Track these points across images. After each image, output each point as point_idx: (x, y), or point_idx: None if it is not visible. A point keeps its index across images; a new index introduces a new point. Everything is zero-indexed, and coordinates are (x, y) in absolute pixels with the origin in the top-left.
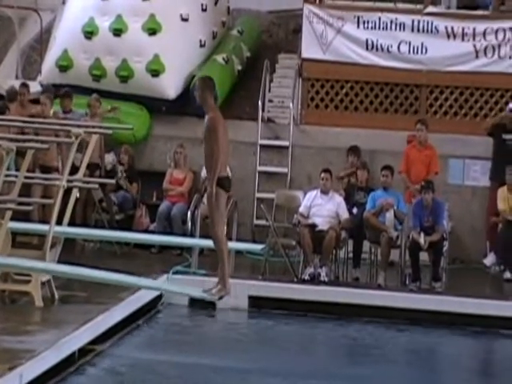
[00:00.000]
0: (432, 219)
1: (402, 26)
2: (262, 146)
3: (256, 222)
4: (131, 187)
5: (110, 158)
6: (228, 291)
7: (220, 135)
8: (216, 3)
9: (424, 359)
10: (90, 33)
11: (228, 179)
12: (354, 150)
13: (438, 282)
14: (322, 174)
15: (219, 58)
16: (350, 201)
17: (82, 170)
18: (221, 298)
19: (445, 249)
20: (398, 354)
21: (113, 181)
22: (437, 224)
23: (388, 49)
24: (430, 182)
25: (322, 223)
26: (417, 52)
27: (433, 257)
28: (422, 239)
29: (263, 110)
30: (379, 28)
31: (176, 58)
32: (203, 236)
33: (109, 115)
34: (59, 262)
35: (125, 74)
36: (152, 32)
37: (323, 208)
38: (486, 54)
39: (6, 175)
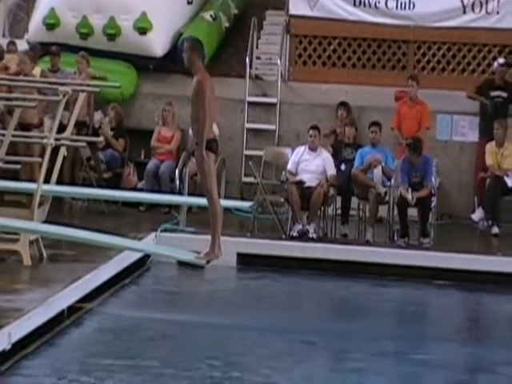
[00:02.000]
0: (420, 175)
1: None
2: (250, 103)
3: (244, 179)
4: (116, 143)
5: (97, 116)
6: (217, 255)
7: (207, 98)
8: None
9: (412, 314)
10: None
11: (215, 141)
12: (343, 105)
13: (426, 238)
14: (310, 131)
15: (207, 15)
16: (337, 157)
17: (70, 128)
18: (208, 262)
19: (433, 204)
20: (385, 310)
21: (101, 138)
22: (425, 180)
23: (375, 5)
24: (416, 143)
25: (309, 179)
26: (404, 8)
27: (421, 212)
28: (409, 195)
29: (251, 67)
30: None
31: (163, 15)
32: (191, 194)
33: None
34: (47, 220)
35: (112, 31)
36: None
37: (311, 163)
38: (473, 9)
39: None
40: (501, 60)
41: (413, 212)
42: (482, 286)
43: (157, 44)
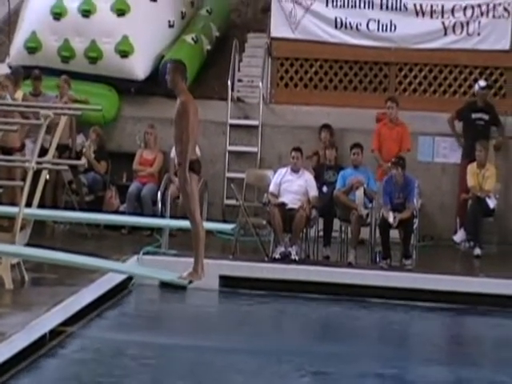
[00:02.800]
0: (403, 196)
1: (371, 4)
2: (232, 126)
3: (226, 201)
4: (99, 165)
5: (79, 139)
6: (200, 276)
7: (190, 119)
8: None
9: (394, 336)
10: (58, 14)
11: (198, 162)
12: (326, 127)
13: (408, 259)
14: (293, 153)
15: (188, 37)
16: (319, 180)
17: (52, 151)
18: (191, 282)
19: (415, 226)
20: (368, 332)
21: (82, 162)
22: (408, 201)
23: (357, 27)
24: (400, 158)
25: (292, 200)
26: (386, 30)
27: (403, 234)
28: (391, 218)
29: (233, 90)
30: (348, 6)
31: (145, 38)
32: (173, 216)
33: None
34: (29, 244)
35: (94, 55)
36: (121, 13)
37: (293, 184)
38: (454, 31)
39: None
40: (482, 83)
41: (395, 234)
42: (464, 308)
43: (138, 67)
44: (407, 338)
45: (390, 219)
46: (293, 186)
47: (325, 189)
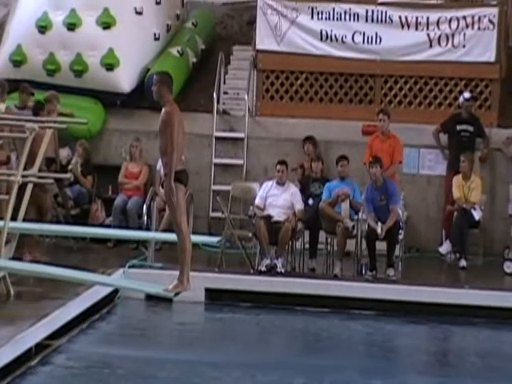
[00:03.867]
0: (385, 198)
1: (356, 17)
2: (218, 138)
3: (212, 214)
4: (85, 180)
5: (64, 152)
6: (185, 287)
7: (175, 129)
8: None
9: (380, 349)
10: (43, 27)
11: (185, 172)
12: (309, 139)
13: (391, 269)
14: (278, 166)
15: (174, 50)
16: (305, 192)
17: (37, 164)
18: (177, 294)
19: (400, 237)
20: (354, 344)
21: (68, 175)
22: (390, 203)
23: (342, 39)
24: (377, 158)
25: (277, 214)
26: (371, 42)
27: (388, 242)
28: (379, 228)
29: (218, 102)
30: (333, 19)
31: (130, 51)
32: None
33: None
34: (14, 257)
35: (79, 68)
36: (106, 26)
37: (279, 198)
38: (439, 43)
39: None
40: (466, 94)
41: (381, 246)
42: (450, 319)
43: (124, 80)
44: (393, 350)
45: (378, 230)
46: (278, 200)
47: (310, 201)
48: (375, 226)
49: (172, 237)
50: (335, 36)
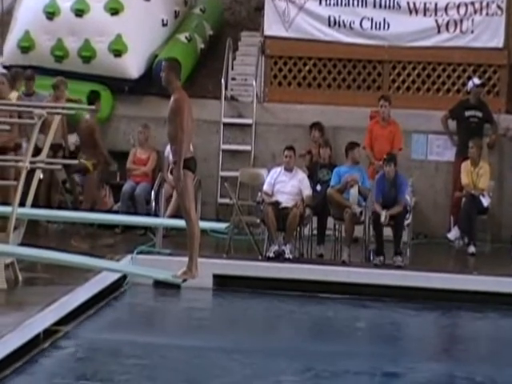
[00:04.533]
0: (394, 191)
1: (364, 2)
2: (226, 124)
3: (220, 200)
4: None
5: (73, 138)
6: (194, 275)
7: (185, 117)
8: None
9: (389, 335)
10: (51, 13)
11: (193, 160)
12: (316, 125)
13: (398, 256)
14: (286, 152)
15: (182, 36)
16: (313, 178)
17: (45, 150)
18: (185, 280)
19: (408, 222)
20: (363, 330)
21: (76, 161)
22: (399, 196)
23: (350, 25)
24: (392, 155)
25: (285, 200)
26: (379, 28)
27: (394, 230)
28: (383, 216)
29: (226, 88)
30: (341, 4)
31: (138, 37)
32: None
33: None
34: (23, 243)
35: (87, 54)
36: (114, 12)
37: (287, 185)
38: (447, 28)
39: None
40: (476, 80)
41: (388, 231)
42: (458, 305)
43: (132, 66)
44: (402, 336)
45: (382, 218)
46: (286, 186)
47: (318, 187)
48: (380, 211)
49: (180, 223)
50: (343, 22)
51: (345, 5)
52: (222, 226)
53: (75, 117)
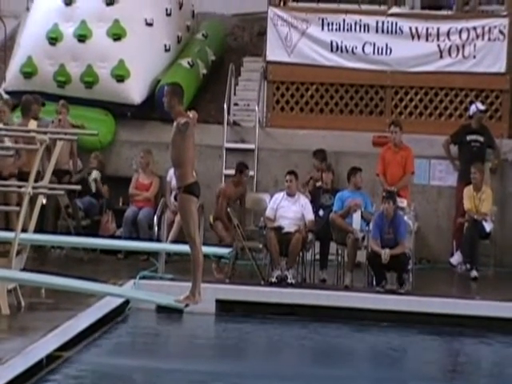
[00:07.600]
0: (392, 231)
1: (367, 28)
2: (228, 150)
3: None
4: (105, 190)
5: (95, 174)
6: (197, 301)
7: (193, 141)
8: (180, 7)
9: (391, 358)
10: (54, 39)
11: (197, 184)
12: (317, 154)
13: (402, 287)
14: (287, 177)
15: (184, 62)
16: (316, 203)
17: (48, 176)
18: (187, 305)
19: (410, 246)
20: (366, 355)
21: (78, 187)
22: (398, 237)
23: (353, 50)
24: (391, 193)
25: (288, 225)
26: (381, 53)
27: (396, 271)
28: (384, 254)
29: (229, 114)
30: (343, 30)
31: (141, 62)
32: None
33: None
34: (25, 268)
35: (90, 79)
36: (117, 37)
37: (289, 210)
38: (450, 53)
39: None
40: (480, 106)
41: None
42: (461, 330)
43: (134, 91)
44: (405, 361)
45: (383, 255)
46: (289, 211)
47: (321, 212)
48: (379, 250)
49: (182, 248)
50: (345, 47)
51: (347, 30)
52: (224, 251)
53: (78, 142)
